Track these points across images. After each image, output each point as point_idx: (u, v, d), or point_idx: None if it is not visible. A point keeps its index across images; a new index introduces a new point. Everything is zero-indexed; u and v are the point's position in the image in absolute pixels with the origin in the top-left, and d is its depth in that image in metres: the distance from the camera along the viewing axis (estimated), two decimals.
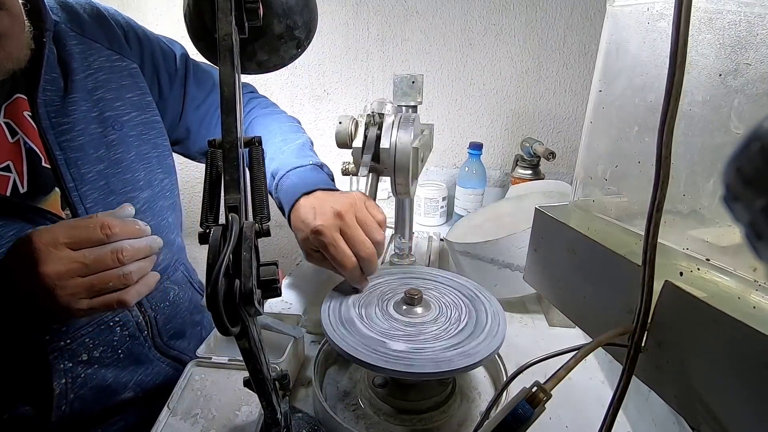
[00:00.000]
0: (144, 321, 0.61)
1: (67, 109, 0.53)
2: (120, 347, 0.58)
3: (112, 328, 0.57)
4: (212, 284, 0.23)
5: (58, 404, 0.53)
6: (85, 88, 0.55)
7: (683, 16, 0.22)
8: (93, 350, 0.55)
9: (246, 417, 0.51)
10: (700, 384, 0.27)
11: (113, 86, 0.58)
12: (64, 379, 0.53)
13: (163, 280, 0.65)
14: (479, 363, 0.43)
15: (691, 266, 0.31)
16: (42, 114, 0.50)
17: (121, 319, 0.58)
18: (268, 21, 0.39)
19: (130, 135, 0.59)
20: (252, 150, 0.33)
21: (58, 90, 0.53)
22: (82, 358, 0.55)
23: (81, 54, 0.55)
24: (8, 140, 0.49)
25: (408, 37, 1.19)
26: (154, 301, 0.62)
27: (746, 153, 0.15)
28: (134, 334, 0.59)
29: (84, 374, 0.55)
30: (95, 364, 0.56)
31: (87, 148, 0.54)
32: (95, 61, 0.57)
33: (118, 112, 0.58)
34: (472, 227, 0.87)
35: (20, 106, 0.50)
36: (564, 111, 1.21)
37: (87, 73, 0.55)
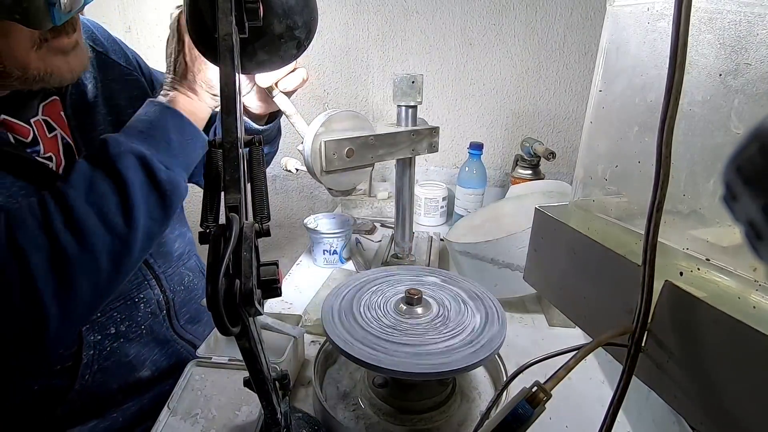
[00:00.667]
0: (164, 300, 0.65)
1: (90, 111, 0.58)
2: (143, 323, 0.62)
3: (137, 304, 0.62)
4: (212, 284, 0.23)
5: (83, 373, 0.57)
6: (103, 95, 0.60)
7: (683, 16, 0.22)
8: (120, 324, 0.60)
9: (246, 417, 0.51)
10: (700, 384, 0.27)
11: (125, 96, 0.63)
12: (93, 350, 0.57)
13: (180, 265, 0.69)
14: (479, 363, 0.43)
15: (691, 266, 0.31)
16: (70, 114, 0.56)
17: (145, 296, 0.62)
18: (268, 21, 0.39)
19: None
20: (252, 150, 0.33)
21: (82, 95, 0.58)
22: (110, 331, 0.59)
23: (99, 67, 0.61)
24: (47, 134, 0.54)
25: (408, 37, 1.19)
26: (173, 282, 0.67)
27: (746, 153, 0.15)
28: (155, 312, 0.64)
29: (110, 347, 0.59)
30: (121, 338, 0.60)
31: None
32: (110, 74, 0.62)
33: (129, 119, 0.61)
34: (472, 227, 0.87)
35: (56, 107, 0.56)
36: (564, 111, 1.21)
37: (104, 82, 0.61)
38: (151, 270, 0.63)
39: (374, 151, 0.64)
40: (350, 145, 0.61)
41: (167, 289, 0.65)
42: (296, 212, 1.45)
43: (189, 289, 0.70)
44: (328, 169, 0.60)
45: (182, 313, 0.68)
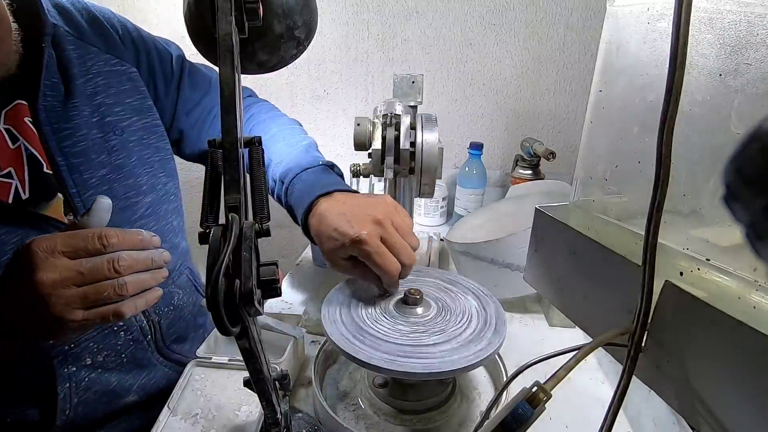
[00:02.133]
0: (148, 326, 0.60)
1: (69, 114, 0.53)
2: (124, 351, 0.58)
3: (116, 333, 0.57)
4: (212, 284, 0.23)
5: (62, 408, 0.53)
6: (85, 93, 0.54)
7: (683, 16, 0.22)
8: (97, 354, 0.55)
9: (246, 417, 0.51)
10: (700, 384, 0.27)
11: (113, 91, 0.58)
12: (68, 383, 0.53)
13: (168, 284, 0.64)
14: (479, 363, 0.43)
15: (691, 266, 0.31)
16: (43, 119, 0.50)
17: (125, 324, 0.58)
18: (268, 21, 0.39)
19: (131, 140, 0.59)
20: (252, 150, 0.32)
21: (59, 95, 0.52)
22: (86, 362, 0.54)
23: (79, 59, 0.55)
24: (9, 146, 0.48)
25: (408, 37, 1.19)
26: (158, 306, 0.62)
27: (746, 153, 0.15)
28: (138, 338, 0.59)
29: (88, 378, 0.55)
30: (99, 369, 0.56)
31: (89, 153, 0.54)
32: (94, 65, 0.56)
33: (118, 118, 0.58)
34: (472, 227, 0.87)
35: (21, 112, 0.50)
36: (564, 111, 1.21)
37: (86, 78, 0.55)
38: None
39: None
40: None
41: (151, 313, 0.61)
42: None
43: (178, 309, 0.66)
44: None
45: (169, 335, 0.64)
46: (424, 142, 0.57)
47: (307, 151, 0.65)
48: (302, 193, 0.57)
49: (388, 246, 0.49)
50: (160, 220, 0.63)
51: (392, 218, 0.51)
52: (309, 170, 0.60)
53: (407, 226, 0.53)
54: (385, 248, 0.49)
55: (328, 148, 1.34)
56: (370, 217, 0.50)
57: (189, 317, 0.68)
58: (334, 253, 0.51)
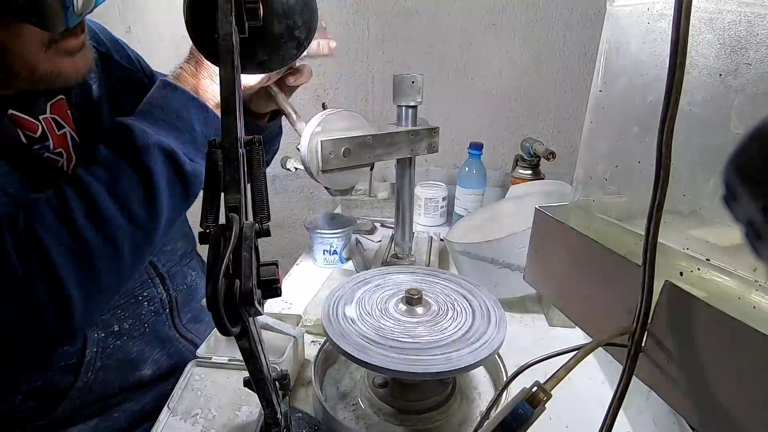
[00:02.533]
0: (167, 299, 0.65)
1: (94, 111, 0.58)
2: (146, 321, 0.62)
3: (141, 303, 0.62)
4: (212, 284, 0.23)
5: (86, 370, 0.56)
6: (107, 95, 0.60)
7: (683, 16, 0.22)
8: (123, 322, 0.60)
9: (246, 417, 0.51)
10: (700, 384, 0.27)
11: (129, 96, 0.62)
12: (96, 348, 0.57)
13: (183, 264, 0.69)
14: (479, 363, 0.43)
15: (691, 266, 0.31)
16: (75, 113, 0.56)
17: (149, 295, 0.62)
18: (268, 21, 0.39)
19: None
20: (252, 150, 0.32)
21: (86, 95, 0.58)
22: (113, 328, 0.59)
23: (102, 67, 0.60)
24: (56, 132, 0.54)
25: (408, 37, 1.19)
26: (176, 281, 0.67)
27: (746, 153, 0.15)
28: (158, 310, 0.64)
29: (113, 345, 0.59)
30: (124, 336, 0.60)
31: None
32: (113, 73, 0.62)
33: None
34: (472, 227, 0.87)
35: (63, 106, 0.55)
36: (564, 111, 1.21)
37: (108, 84, 0.61)
38: (154, 268, 0.63)
39: (372, 151, 0.64)
40: (347, 145, 0.61)
41: (170, 287, 0.65)
42: (296, 212, 1.45)
43: (191, 288, 0.70)
44: (325, 169, 0.60)
45: (184, 312, 0.69)
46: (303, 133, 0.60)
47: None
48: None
49: None
50: None
51: None
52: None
53: None
54: None
55: None
56: None
57: (202, 299, 0.72)
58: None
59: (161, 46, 1.27)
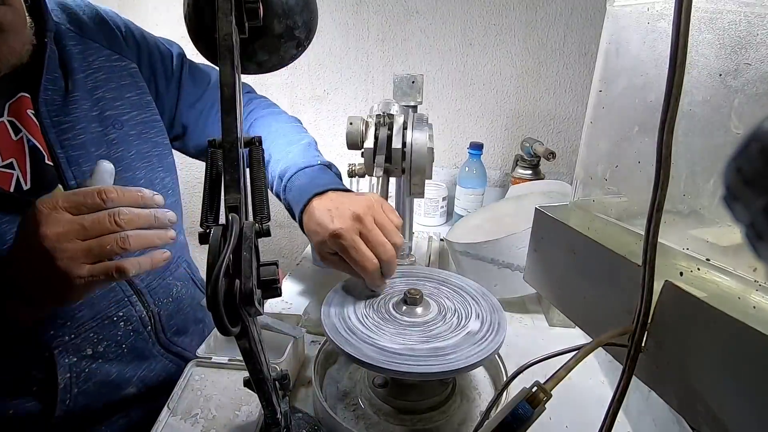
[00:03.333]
0: (147, 316, 0.61)
1: (68, 108, 0.54)
2: (124, 342, 0.59)
3: (116, 323, 0.58)
4: (212, 284, 0.23)
5: (63, 398, 0.53)
6: (86, 88, 0.56)
7: (683, 16, 0.22)
8: (97, 345, 0.56)
9: (246, 417, 0.51)
10: (700, 384, 0.27)
11: (113, 86, 0.59)
12: (69, 373, 0.54)
13: (167, 276, 0.65)
14: (479, 363, 0.43)
15: (691, 266, 0.31)
16: (43, 112, 0.51)
17: (125, 314, 0.58)
18: (268, 21, 0.39)
19: (130, 134, 0.60)
20: (252, 150, 0.32)
21: (59, 89, 0.53)
22: (86, 352, 0.55)
23: (80, 54, 0.56)
24: (11, 138, 0.50)
25: (408, 37, 1.19)
26: (158, 296, 0.63)
27: (746, 153, 0.15)
28: (138, 329, 0.60)
29: (88, 369, 0.55)
30: (99, 359, 0.56)
31: (88, 146, 0.55)
32: (95, 61, 0.57)
33: (118, 112, 0.59)
34: (472, 227, 0.87)
35: (24, 105, 0.51)
36: (564, 111, 1.21)
37: (87, 72, 0.56)
38: (131, 286, 0.59)
39: None
40: None
41: (151, 303, 0.61)
42: None
43: (177, 300, 0.66)
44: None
45: (170, 326, 0.64)
46: (414, 141, 0.58)
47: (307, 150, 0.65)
48: (299, 192, 0.58)
49: (366, 241, 0.50)
50: None
51: (374, 214, 0.52)
52: (307, 169, 0.61)
53: (390, 223, 0.53)
54: (361, 243, 0.50)
55: (328, 148, 1.34)
56: (350, 212, 0.51)
57: (188, 310, 0.69)
58: (320, 247, 0.53)
59: None
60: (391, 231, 0.53)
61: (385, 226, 0.52)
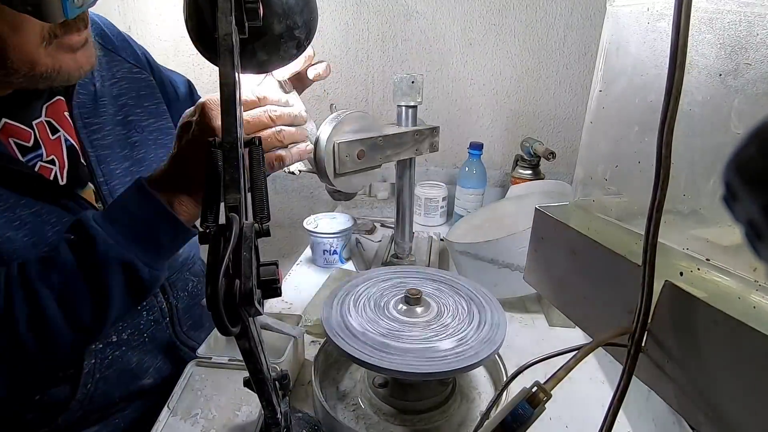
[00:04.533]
0: (167, 308, 0.64)
1: (97, 111, 0.58)
2: (146, 331, 0.62)
3: (140, 312, 0.61)
4: (212, 284, 0.23)
5: (85, 382, 0.56)
6: (111, 94, 0.60)
7: (683, 16, 0.22)
8: (122, 332, 0.59)
9: (246, 417, 0.51)
10: (700, 384, 0.27)
11: (134, 94, 0.63)
12: (94, 359, 0.56)
13: (184, 270, 0.69)
14: (479, 363, 0.43)
15: (691, 266, 0.31)
16: (77, 114, 0.55)
17: (148, 304, 0.61)
18: (268, 21, 0.39)
19: (149, 138, 0.64)
20: (252, 150, 0.33)
21: (90, 94, 0.58)
22: (111, 339, 0.58)
23: (107, 64, 0.61)
24: (50, 137, 0.53)
25: (408, 37, 1.19)
26: (176, 289, 0.66)
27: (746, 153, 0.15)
28: (158, 319, 0.63)
29: (112, 356, 0.58)
30: (123, 346, 0.59)
31: (114, 147, 0.59)
32: (118, 71, 0.62)
33: (138, 118, 0.63)
34: (472, 227, 0.87)
35: (60, 107, 0.55)
36: (564, 111, 1.21)
37: (112, 81, 0.61)
38: None
39: (382, 152, 0.64)
40: (361, 147, 0.61)
41: (170, 295, 0.65)
42: (296, 212, 1.45)
43: (192, 295, 0.69)
44: (341, 172, 0.60)
45: (185, 320, 0.68)
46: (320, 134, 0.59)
47: None
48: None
49: None
50: None
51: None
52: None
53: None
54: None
55: None
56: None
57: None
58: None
59: (161, 46, 1.27)
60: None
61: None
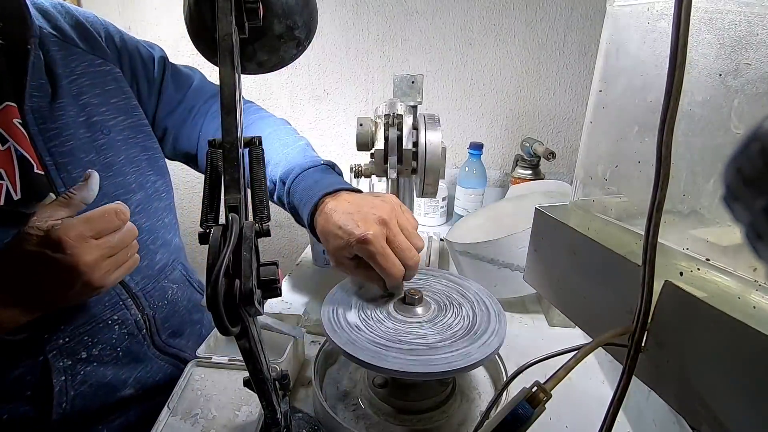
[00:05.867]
0: (143, 319, 0.61)
1: (55, 114, 0.53)
2: (119, 345, 0.58)
3: (111, 327, 0.57)
4: (212, 284, 0.23)
5: (59, 402, 0.53)
6: (71, 94, 0.55)
7: (683, 16, 0.22)
8: (92, 348, 0.56)
9: (246, 417, 0.51)
10: (700, 384, 0.27)
11: (98, 91, 0.58)
12: (64, 376, 0.53)
13: (161, 279, 0.65)
14: (479, 363, 0.43)
15: (691, 266, 0.31)
16: (30, 120, 0.51)
17: (120, 318, 0.58)
18: (268, 21, 0.39)
19: (117, 139, 0.60)
20: (252, 150, 0.33)
21: (45, 96, 0.53)
22: (81, 355, 0.55)
23: (64, 60, 0.56)
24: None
25: (408, 37, 1.19)
26: (153, 299, 0.62)
27: (746, 153, 0.15)
28: (133, 332, 0.60)
29: (83, 372, 0.55)
30: (94, 362, 0.56)
31: (77, 152, 0.55)
32: (78, 66, 0.57)
33: (104, 117, 0.59)
34: (472, 227, 0.87)
35: (10, 114, 0.50)
36: (564, 111, 1.21)
37: (71, 78, 0.56)
38: (126, 288, 0.59)
39: None
40: None
41: (146, 306, 0.61)
42: None
43: (172, 303, 0.66)
44: None
45: (165, 329, 0.64)
46: (427, 142, 0.57)
47: (305, 151, 0.65)
48: (307, 193, 0.57)
49: (393, 247, 0.49)
50: (150, 216, 0.63)
51: (398, 218, 0.51)
52: (310, 170, 0.60)
53: (412, 227, 0.53)
54: (389, 250, 0.49)
55: (328, 149, 1.34)
56: (376, 217, 0.49)
57: (184, 312, 0.69)
58: (340, 252, 0.51)
59: (161, 46, 1.27)
60: (413, 234, 0.52)
61: (408, 229, 0.52)
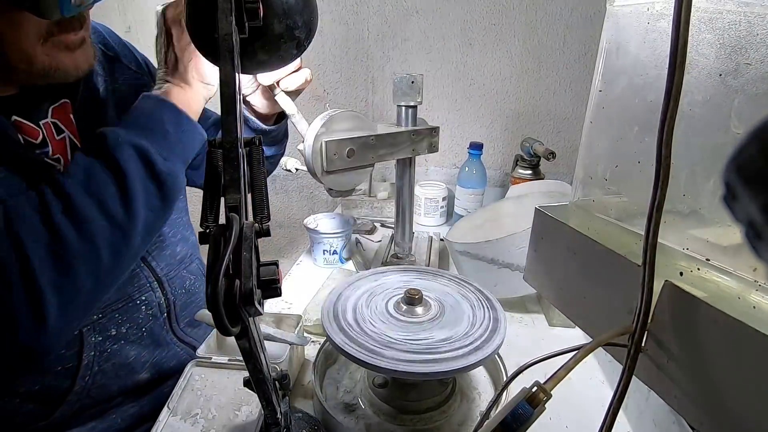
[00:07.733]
0: (165, 303, 0.65)
1: (99, 114, 0.59)
2: (144, 326, 0.63)
3: (138, 306, 0.62)
4: (212, 284, 0.23)
5: (83, 375, 0.57)
6: (113, 98, 0.61)
7: (683, 16, 0.22)
8: (121, 326, 0.60)
9: (246, 417, 0.51)
10: (700, 384, 0.27)
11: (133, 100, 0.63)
12: (93, 351, 0.57)
13: (181, 268, 0.69)
14: (479, 363, 0.43)
15: (691, 266, 0.31)
16: (80, 117, 0.57)
17: (147, 299, 0.63)
18: (268, 21, 0.39)
19: None
20: (252, 150, 0.32)
21: (93, 99, 0.59)
22: (111, 332, 0.59)
23: (110, 71, 0.62)
24: (55, 137, 0.55)
25: (408, 37, 1.19)
26: (174, 286, 0.66)
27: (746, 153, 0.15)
28: (156, 314, 0.64)
29: (110, 349, 0.59)
30: (121, 340, 0.60)
31: None
32: (120, 77, 0.63)
33: None
34: (472, 227, 0.87)
35: (66, 109, 0.56)
36: (564, 111, 1.21)
37: (114, 86, 0.62)
38: (153, 272, 0.64)
39: (375, 151, 0.64)
40: (351, 146, 0.61)
41: (168, 291, 0.66)
42: (296, 212, 1.45)
43: (190, 293, 0.70)
44: (329, 170, 0.60)
45: (182, 317, 0.69)
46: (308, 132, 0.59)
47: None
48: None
49: None
50: (174, 213, 0.68)
51: None
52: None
53: None
54: None
55: None
56: None
57: (201, 303, 0.72)
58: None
59: None
60: None
61: None
